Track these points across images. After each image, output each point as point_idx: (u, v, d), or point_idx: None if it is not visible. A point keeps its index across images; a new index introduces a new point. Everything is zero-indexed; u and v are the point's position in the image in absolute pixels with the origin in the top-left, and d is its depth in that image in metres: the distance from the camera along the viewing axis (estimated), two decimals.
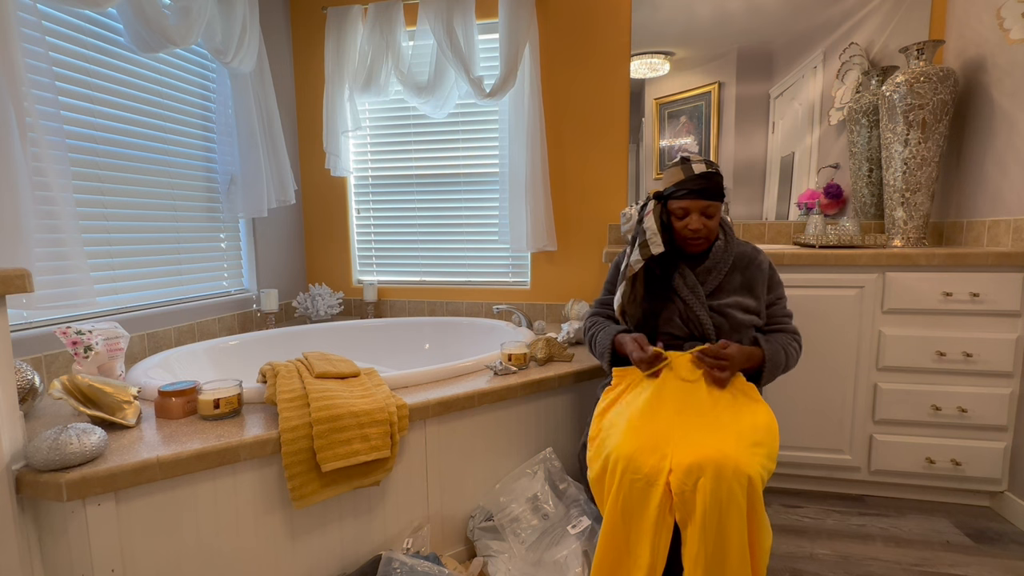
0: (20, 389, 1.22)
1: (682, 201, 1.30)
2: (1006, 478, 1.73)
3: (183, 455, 1.09)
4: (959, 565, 1.50)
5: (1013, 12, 1.73)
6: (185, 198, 2.09)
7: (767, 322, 1.39)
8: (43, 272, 1.43)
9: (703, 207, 1.29)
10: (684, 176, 1.30)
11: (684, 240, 1.34)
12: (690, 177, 1.29)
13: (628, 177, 2.42)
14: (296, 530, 1.26)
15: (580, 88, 2.42)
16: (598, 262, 2.49)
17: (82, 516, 1.02)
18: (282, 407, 1.23)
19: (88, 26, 1.68)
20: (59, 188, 1.46)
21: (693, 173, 1.29)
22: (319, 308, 2.52)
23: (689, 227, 1.30)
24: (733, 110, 2.28)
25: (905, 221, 1.94)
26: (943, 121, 1.85)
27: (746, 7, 2.23)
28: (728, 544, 1.01)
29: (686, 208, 1.30)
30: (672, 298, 1.35)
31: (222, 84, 2.21)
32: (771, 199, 2.30)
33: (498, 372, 1.60)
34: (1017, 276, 1.65)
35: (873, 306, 1.76)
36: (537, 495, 1.49)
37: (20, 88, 1.33)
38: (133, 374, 1.55)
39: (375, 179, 2.73)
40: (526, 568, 1.35)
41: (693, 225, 1.30)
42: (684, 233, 1.32)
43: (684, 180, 1.29)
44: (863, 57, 2.14)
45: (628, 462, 1.08)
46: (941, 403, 1.73)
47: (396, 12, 2.42)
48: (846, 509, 1.79)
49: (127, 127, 1.83)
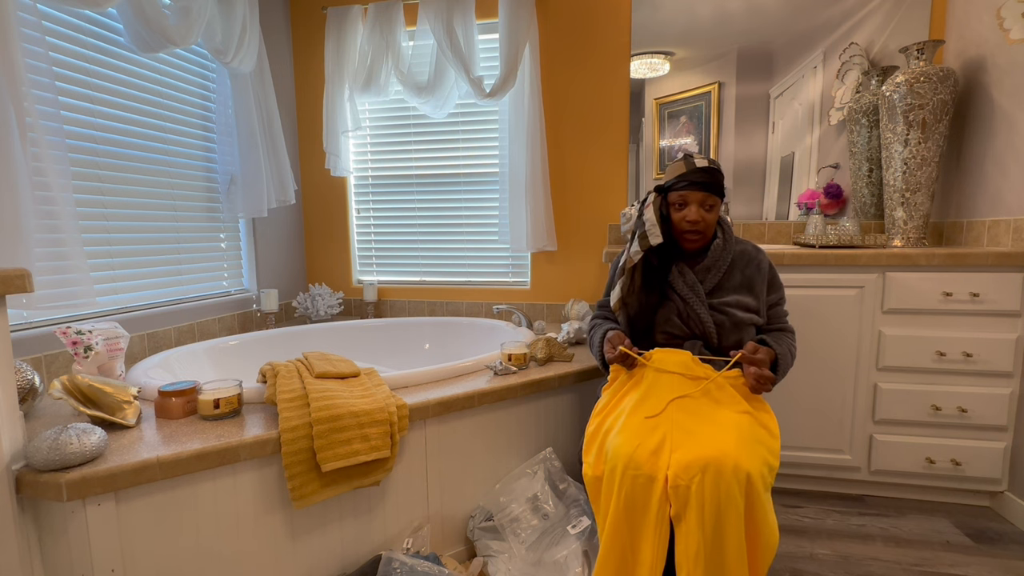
0: (20, 389, 1.22)
1: (682, 191, 1.31)
2: (1006, 478, 1.73)
3: (183, 455, 1.09)
4: (959, 565, 1.50)
5: (1013, 12, 1.73)
6: (185, 198, 2.09)
7: (769, 321, 1.40)
8: (43, 272, 1.43)
9: (702, 199, 1.30)
10: (686, 169, 1.32)
11: (681, 234, 1.34)
12: (691, 170, 1.31)
13: (628, 177, 2.42)
14: (296, 530, 1.26)
15: (580, 88, 2.42)
16: (598, 262, 2.49)
17: (82, 516, 1.02)
18: (282, 407, 1.23)
19: (88, 26, 1.68)
20: (59, 188, 1.46)
21: (695, 167, 1.31)
22: (319, 308, 2.52)
23: (687, 218, 1.31)
24: (733, 110, 2.28)
25: (905, 221, 1.94)
26: (943, 121, 1.85)
27: (746, 7, 2.23)
28: (726, 541, 1.01)
29: (685, 198, 1.31)
30: (670, 296, 1.36)
31: (222, 84, 2.21)
32: (771, 199, 2.30)
33: (498, 372, 1.60)
34: (1017, 276, 1.65)
35: (873, 306, 1.76)
36: (537, 495, 1.49)
37: (20, 88, 1.33)
38: (133, 374, 1.55)
39: (375, 179, 2.73)
40: (526, 568, 1.35)
41: (691, 216, 1.30)
42: (682, 225, 1.32)
43: (685, 172, 1.32)
44: (863, 57, 2.14)
45: (629, 459, 1.08)
46: (941, 403, 1.73)
47: (396, 12, 2.42)
48: (846, 509, 1.79)
49: (127, 127, 1.83)
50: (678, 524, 1.05)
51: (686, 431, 1.12)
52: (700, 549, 1.01)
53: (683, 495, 1.03)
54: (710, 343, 1.34)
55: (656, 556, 1.05)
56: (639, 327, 1.38)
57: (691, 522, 1.02)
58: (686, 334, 1.35)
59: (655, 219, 1.32)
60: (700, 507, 1.01)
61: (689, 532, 1.03)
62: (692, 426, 1.13)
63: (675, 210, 1.34)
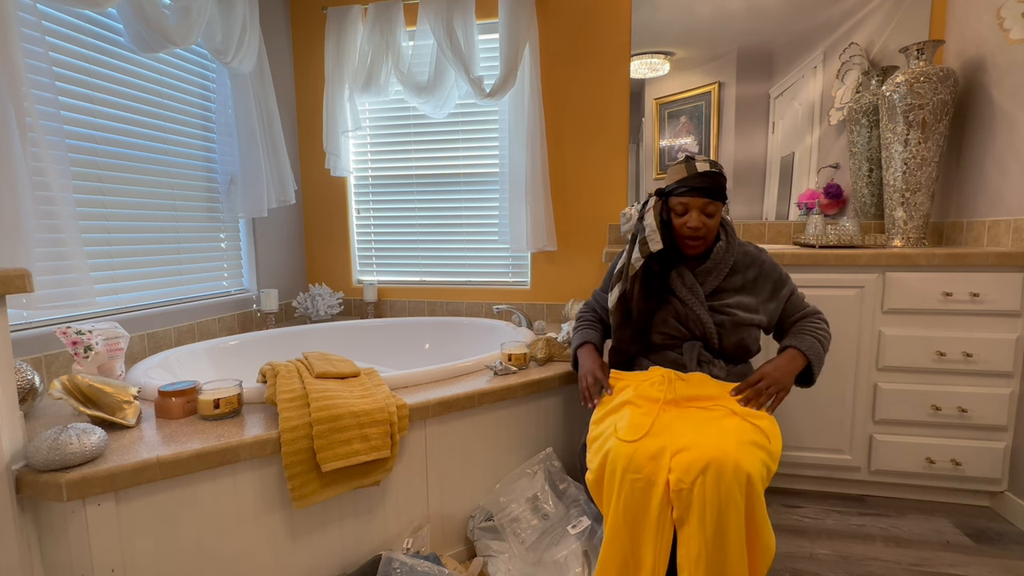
0: (20, 389, 1.22)
1: (683, 198, 1.29)
2: (1006, 478, 1.73)
3: (183, 455, 1.09)
4: (959, 565, 1.50)
5: (1013, 12, 1.73)
6: (185, 198, 2.09)
7: (790, 314, 1.38)
8: (43, 272, 1.43)
9: (703, 205, 1.28)
10: (687, 173, 1.29)
11: (682, 240, 1.33)
12: (693, 175, 1.28)
13: (628, 177, 2.42)
14: (296, 530, 1.26)
15: (580, 88, 2.42)
16: (598, 262, 2.49)
17: (82, 516, 1.02)
18: (282, 407, 1.23)
19: (88, 26, 1.68)
20: (59, 188, 1.46)
21: (696, 171, 1.29)
22: (319, 308, 2.52)
23: (688, 224, 1.29)
24: (733, 110, 2.28)
25: (905, 221, 1.94)
26: (943, 121, 1.85)
27: (746, 7, 2.23)
28: (727, 542, 1.01)
29: (686, 205, 1.29)
30: (668, 299, 1.35)
31: (222, 84, 2.21)
32: (771, 199, 2.30)
33: (498, 372, 1.60)
34: (1017, 276, 1.64)
35: (873, 306, 1.76)
36: (537, 495, 1.49)
37: (20, 88, 1.33)
38: (133, 374, 1.55)
39: (375, 179, 2.73)
40: (526, 568, 1.35)
41: (692, 223, 1.29)
42: (683, 231, 1.31)
43: (686, 177, 1.29)
44: (863, 57, 2.14)
45: (628, 462, 1.08)
46: (941, 403, 1.73)
47: (396, 12, 2.42)
48: (846, 509, 1.79)
49: (127, 127, 1.83)
50: (681, 527, 1.05)
51: (686, 432, 1.12)
52: (702, 551, 1.01)
53: (686, 498, 1.03)
54: (710, 344, 1.34)
55: (658, 560, 1.05)
56: (635, 329, 1.38)
57: (693, 524, 1.02)
58: (684, 335, 1.34)
59: (655, 224, 1.29)
60: (702, 508, 1.01)
61: (691, 534, 1.03)
62: (692, 426, 1.13)
63: (676, 215, 1.32)
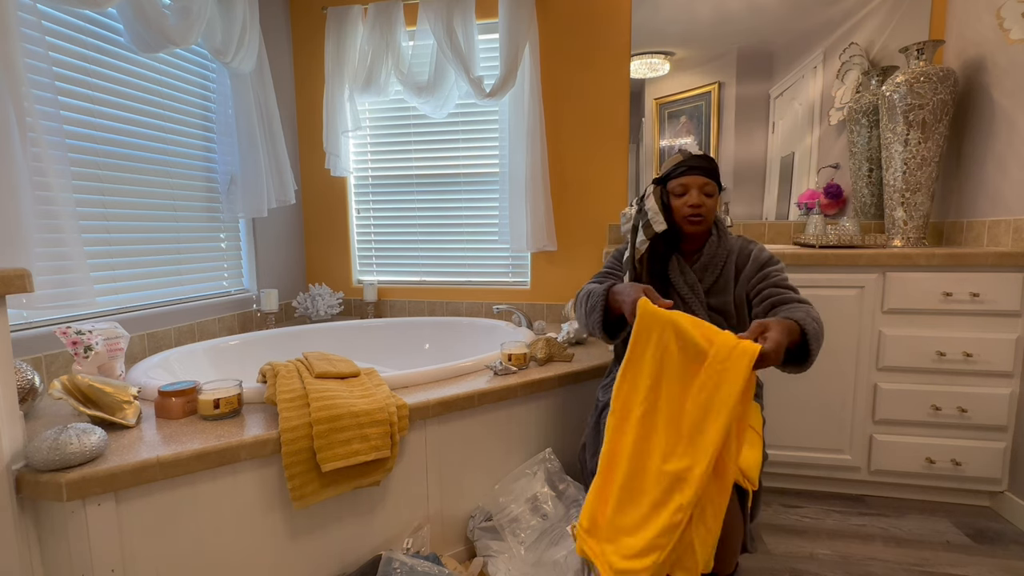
0: (20, 389, 1.22)
1: (681, 178, 1.32)
2: (1006, 478, 1.73)
3: (183, 455, 1.09)
4: (959, 565, 1.50)
5: (1013, 12, 1.73)
6: (185, 198, 2.09)
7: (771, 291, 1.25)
8: (43, 272, 1.43)
9: (702, 184, 1.31)
10: (683, 158, 1.34)
11: (683, 219, 1.33)
12: (688, 157, 1.33)
13: (628, 177, 2.42)
14: (296, 530, 1.26)
15: (580, 88, 2.42)
16: (598, 262, 2.49)
17: (82, 516, 1.02)
18: (282, 407, 1.23)
19: (88, 26, 1.68)
20: (59, 188, 1.46)
21: (692, 155, 1.34)
22: (319, 308, 2.52)
23: (688, 203, 1.31)
24: (733, 110, 2.28)
25: (905, 221, 1.94)
26: (943, 121, 1.85)
27: (746, 7, 2.23)
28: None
29: (685, 185, 1.32)
30: (670, 295, 1.36)
31: (222, 84, 2.21)
32: (771, 199, 2.30)
33: (498, 372, 1.60)
34: (1017, 276, 1.64)
35: (873, 306, 1.76)
36: (536, 495, 1.49)
37: (20, 88, 1.33)
38: (133, 374, 1.55)
39: (375, 179, 2.73)
40: (526, 568, 1.35)
41: (692, 201, 1.30)
42: (683, 211, 1.32)
43: (683, 160, 1.34)
44: (863, 57, 2.14)
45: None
46: (941, 403, 1.73)
47: (396, 12, 2.42)
48: (846, 509, 1.79)
49: (127, 127, 1.82)
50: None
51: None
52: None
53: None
54: None
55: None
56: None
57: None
58: None
59: (657, 207, 1.33)
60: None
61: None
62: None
63: (675, 197, 1.34)
